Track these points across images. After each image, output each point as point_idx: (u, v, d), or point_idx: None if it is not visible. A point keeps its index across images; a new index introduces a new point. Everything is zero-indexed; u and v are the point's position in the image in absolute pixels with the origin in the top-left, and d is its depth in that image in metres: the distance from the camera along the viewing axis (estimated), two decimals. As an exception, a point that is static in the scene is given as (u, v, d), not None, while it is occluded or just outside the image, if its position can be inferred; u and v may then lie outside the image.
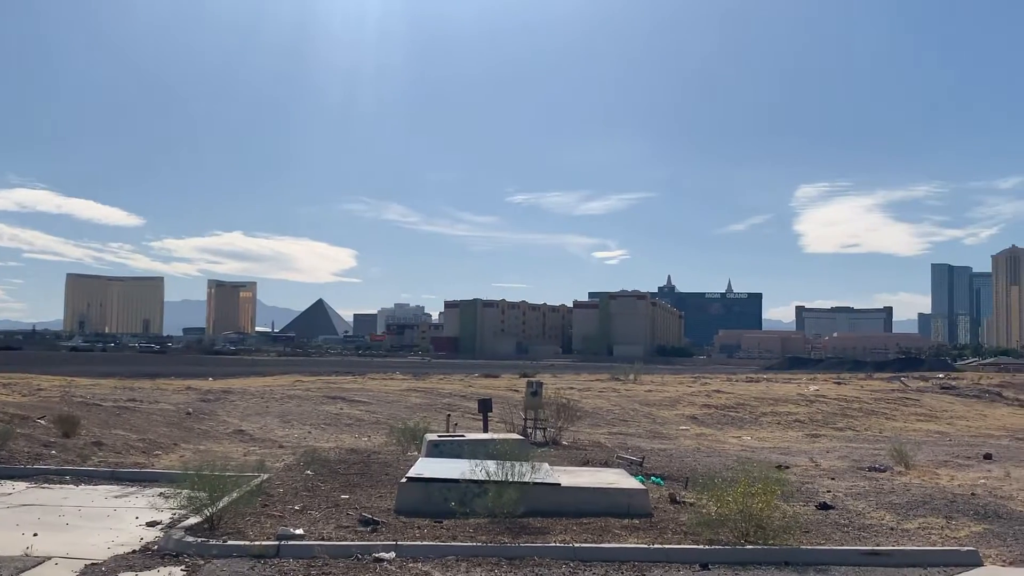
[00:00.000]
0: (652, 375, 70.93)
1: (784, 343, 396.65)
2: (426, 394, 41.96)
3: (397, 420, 28.55)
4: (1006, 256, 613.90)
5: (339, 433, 29.73)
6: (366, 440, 27.60)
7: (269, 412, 33.53)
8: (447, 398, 40.35)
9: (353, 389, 43.07)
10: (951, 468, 23.51)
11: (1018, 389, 66.13)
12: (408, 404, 37.70)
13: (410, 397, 40.31)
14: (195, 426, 28.95)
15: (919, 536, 13.78)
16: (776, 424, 37.97)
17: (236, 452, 23.36)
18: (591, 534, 12.85)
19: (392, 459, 20.92)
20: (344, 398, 38.39)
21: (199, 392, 38.18)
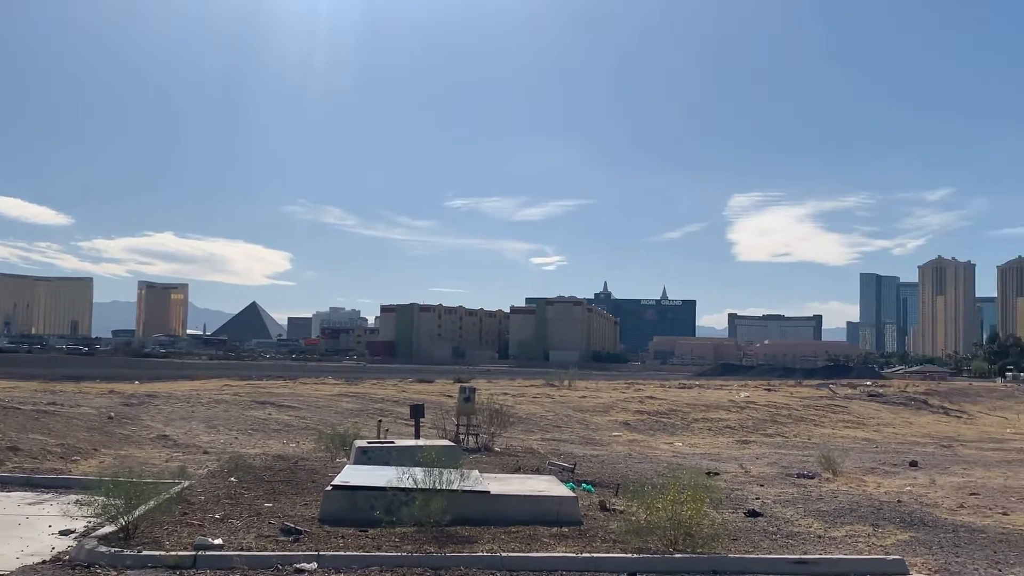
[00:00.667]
0: (587, 381, 71.17)
1: (717, 350, 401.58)
2: (358, 399, 41.46)
3: (327, 426, 28.10)
4: (932, 267, 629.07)
5: (266, 439, 29.17)
6: (294, 446, 27.11)
7: (195, 417, 32.79)
8: (379, 403, 39.93)
9: (283, 394, 42.40)
10: (878, 475, 23.82)
11: (943, 397, 67.68)
12: (339, 409, 37.19)
13: (341, 402, 39.78)
14: (117, 431, 28.15)
15: (846, 544, 13.83)
16: (707, 430, 38.24)
17: (158, 458, 22.75)
18: (519, 543, 12.65)
19: (320, 466, 20.51)
20: (273, 403, 37.73)
21: (123, 396, 37.22)
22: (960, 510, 17.61)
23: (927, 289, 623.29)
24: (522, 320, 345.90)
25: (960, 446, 35.37)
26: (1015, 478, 24.00)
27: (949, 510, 17.55)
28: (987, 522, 16.24)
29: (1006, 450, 33.99)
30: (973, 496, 19.71)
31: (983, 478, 23.88)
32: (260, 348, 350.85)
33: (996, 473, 25.24)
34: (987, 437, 41.46)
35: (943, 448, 34.27)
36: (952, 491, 20.55)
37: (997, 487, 21.76)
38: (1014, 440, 39.81)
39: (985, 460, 29.38)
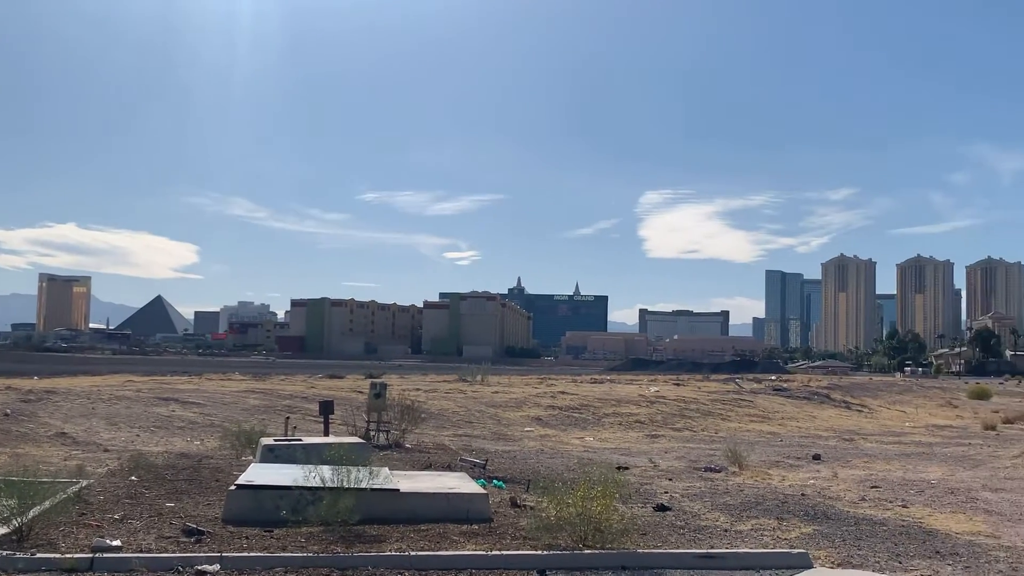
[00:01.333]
0: (500, 376, 71.18)
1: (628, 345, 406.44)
2: (266, 395, 40.72)
3: (233, 423, 27.45)
4: (835, 264, 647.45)
5: (170, 436, 28.43)
6: (198, 444, 26.47)
7: (95, 414, 31.77)
8: (288, 400, 39.26)
9: (188, 390, 41.39)
10: (782, 468, 24.28)
11: (845, 392, 69.49)
12: (246, 406, 36.47)
13: (248, 399, 39.01)
14: (13, 428, 27.11)
15: (752, 538, 14.03)
16: (618, 425, 38.56)
17: (56, 456, 21.97)
18: (428, 541, 12.52)
19: (225, 464, 20.04)
20: (177, 399, 36.80)
21: (20, 392, 35.84)
22: (861, 503, 18.04)
23: (830, 286, 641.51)
24: (435, 315, 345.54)
25: (861, 440, 36.32)
26: (914, 471, 24.72)
27: (851, 503, 17.95)
28: (887, 514, 16.65)
29: (905, 443, 35.02)
30: (874, 489, 20.22)
31: (883, 471, 24.53)
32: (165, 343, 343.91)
33: (896, 466, 25.96)
34: (887, 431, 42.69)
35: (845, 442, 35.14)
36: (854, 484, 21.05)
37: (897, 480, 22.36)
38: (912, 433, 41.08)
39: (885, 453, 30.21)
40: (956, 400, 74.10)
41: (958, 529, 15.31)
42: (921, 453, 30.64)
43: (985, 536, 14.78)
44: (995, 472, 24.90)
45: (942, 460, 28.14)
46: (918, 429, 44.43)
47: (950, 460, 28.19)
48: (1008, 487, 21.42)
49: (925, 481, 22.19)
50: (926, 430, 43.75)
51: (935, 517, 16.51)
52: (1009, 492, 20.40)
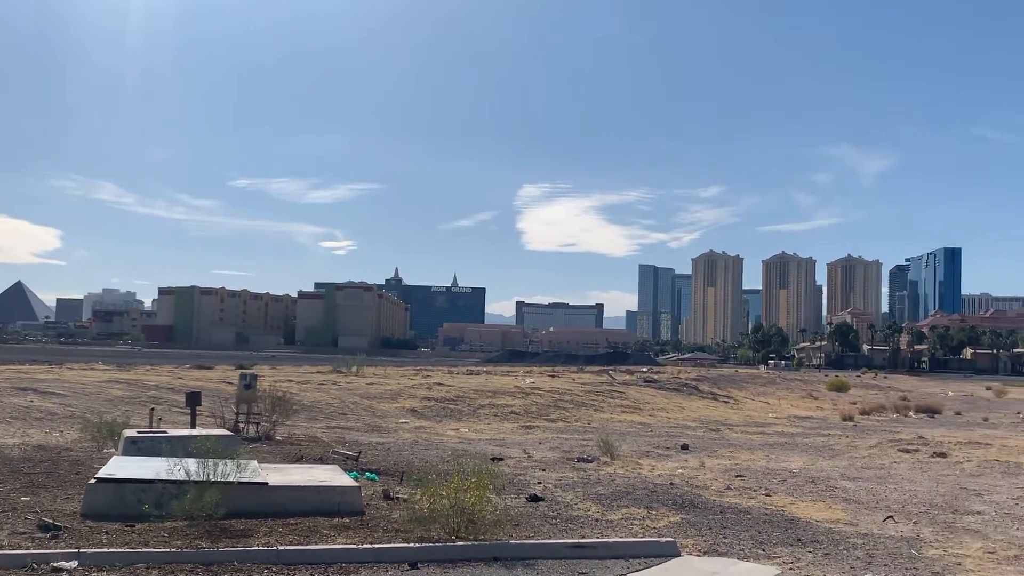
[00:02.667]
0: (375, 367, 70.65)
1: (504, 337, 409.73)
2: (130, 386, 39.34)
3: (94, 414, 26.46)
4: (704, 259, 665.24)
5: (27, 428, 27.12)
6: (57, 436, 25.32)
7: (-54, 405, 30.11)
8: (153, 391, 38.04)
9: (47, 380, 39.66)
10: (652, 458, 24.75)
11: (712, 383, 71.50)
12: (109, 397, 35.16)
13: (112, 389, 37.61)
14: None
15: (622, 527, 14.22)
16: (493, 416, 38.70)
17: (-101, 451, 20.69)
18: (298, 535, 12.26)
19: (85, 457, 19.26)
20: (36, 389, 35.21)
21: None
22: (727, 492, 18.52)
23: (699, 281, 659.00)
24: (310, 305, 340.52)
25: (727, 430, 37.39)
26: (777, 461, 25.56)
27: (717, 492, 18.42)
28: (752, 503, 17.14)
29: (768, 434, 36.20)
30: (739, 478, 20.79)
31: (748, 460, 25.29)
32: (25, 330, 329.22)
33: (760, 456, 26.79)
34: (751, 421, 44.07)
35: (712, 432, 36.10)
36: (720, 473, 21.61)
37: (760, 469, 23.07)
38: (776, 424, 42.51)
39: (750, 443, 31.16)
40: (817, 392, 77.15)
41: (818, 517, 15.86)
42: (784, 443, 31.72)
43: (844, 524, 15.35)
44: (853, 462, 25.96)
45: (803, 450, 29.19)
46: (781, 420, 46.01)
47: (811, 450, 29.27)
48: (865, 476, 22.34)
49: (787, 470, 22.96)
50: (788, 421, 45.35)
51: (797, 505, 17.08)
52: (866, 481, 21.27)
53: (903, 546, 13.59)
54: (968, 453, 28.98)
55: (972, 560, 12.77)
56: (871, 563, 12.39)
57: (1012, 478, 22.74)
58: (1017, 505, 18.07)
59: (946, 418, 51.77)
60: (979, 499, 18.74)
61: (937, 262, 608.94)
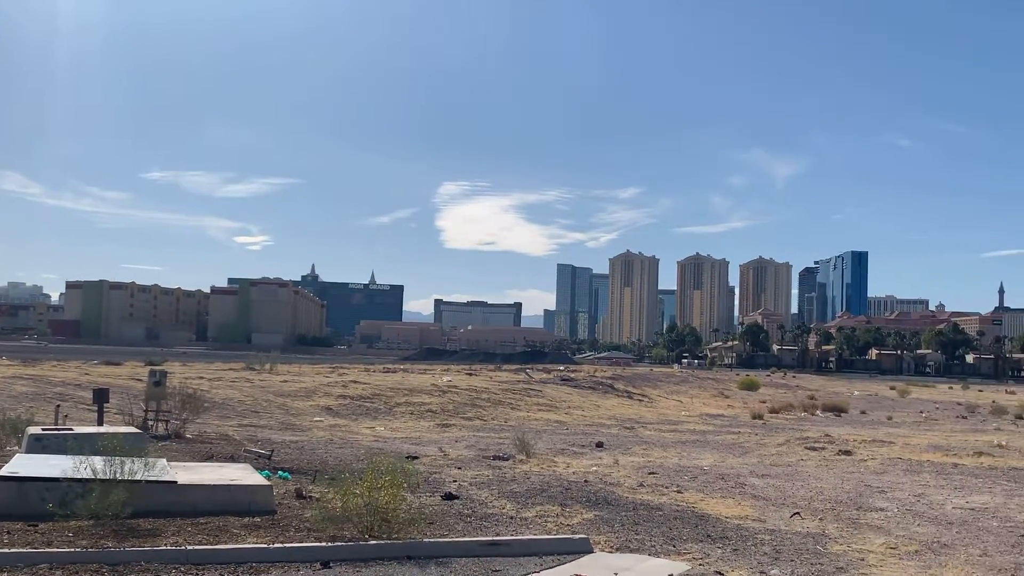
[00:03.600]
0: (290, 365, 69.80)
1: (422, 334, 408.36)
2: (35, 382, 38.17)
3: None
4: (621, 260, 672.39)
5: (-77, 426, 26.14)
6: (-44, 434, 24.45)
7: None
8: (59, 387, 36.97)
9: (-54, 376, 38.26)
10: (568, 456, 24.94)
11: (627, 382, 72.34)
12: (12, 393, 34.03)
13: (15, 385, 36.43)
14: None
15: (536, 524, 14.31)
16: (410, 414, 38.55)
17: None
18: (207, 535, 12.05)
19: (-15, 456, 18.61)
20: (-66, 386, 33.96)
21: None
22: (640, 489, 18.76)
23: (616, 281, 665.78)
24: (223, 301, 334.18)
25: (641, 428, 37.87)
26: (688, 458, 25.98)
27: (630, 489, 18.64)
28: (663, 500, 17.40)
29: (681, 432, 36.78)
30: (652, 475, 21.09)
31: (661, 458, 25.66)
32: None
33: (672, 453, 27.21)
34: (665, 419, 44.71)
35: (626, 430, 36.53)
36: (633, 471, 21.89)
37: (673, 466, 23.43)
38: (688, 422, 43.21)
39: (663, 441, 31.62)
40: (728, 391, 78.64)
41: (728, 513, 16.17)
42: (695, 441, 32.26)
43: (752, 520, 15.68)
44: (762, 459, 26.54)
45: (714, 448, 29.73)
46: (693, 418, 46.78)
47: (722, 448, 29.83)
48: (773, 473, 22.86)
49: (698, 468, 23.37)
50: (700, 419, 46.14)
51: (707, 502, 17.39)
52: (774, 478, 21.76)
53: (809, 542, 13.94)
54: (872, 451, 29.86)
55: (875, 555, 13.15)
56: (778, 558, 12.68)
57: (914, 476, 23.49)
58: (918, 502, 18.67)
59: (852, 417, 53.28)
60: (882, 496, 19.32)
61: (845, 265, 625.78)
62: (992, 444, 34.71)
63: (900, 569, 12.37)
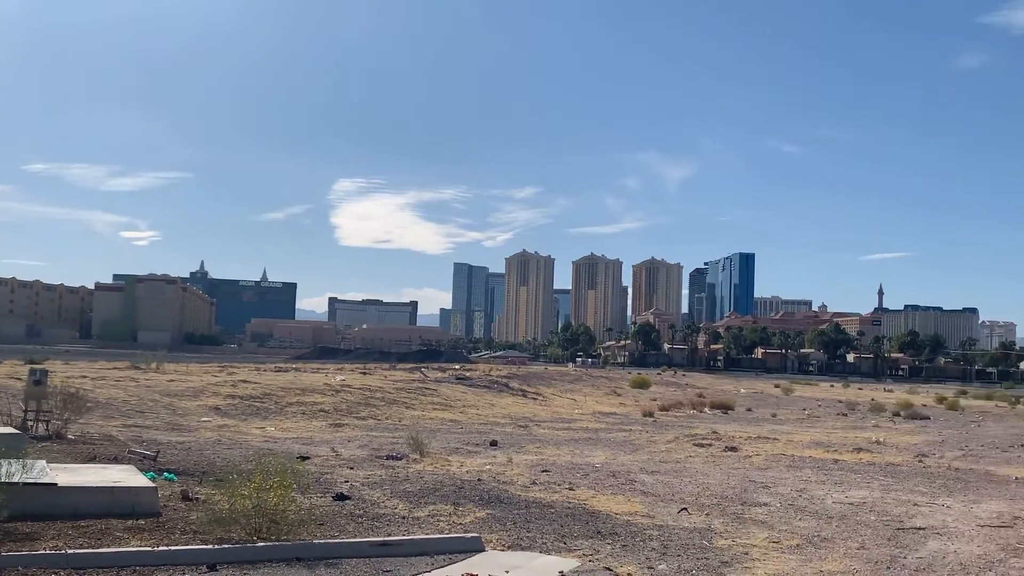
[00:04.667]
0: (177, 364, 68.08)
1: (316, 333, 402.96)
2: (-96, 382, 36.40)
3: None
4: (518, 259, 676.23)
5: None
6: None
7: None
8: (-69, 387, 35.30)
9: None
10: (462, 455, 24.98)
11: (522, 380, 72.78)
12: None
13: None
14: None
15: (429, 524, 14.30)
16: (302, 414, 38.00)
17: None
18: (89, 538, 11.69)
19: None
20: None
21: None
22: (533, 487, 18.92)
23: (512, 280, 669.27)
24: (108, 298, 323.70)
25: (535, 426, 38.17)
26: (581, 455, 26.31)
27: (523, 487, 18.79)
28: (556, 497, 17.59)
29: (574, 430, 37.20)
30: (545, 473, 21.30)
31: (554, 456, 25.91)
32: None
33: (565, 451, 27.50)
34: (559, 418, 45.15)
35: (521, 428, 36.77)
36: (527, 469, 22.06)
37: (565, 464, 23.70)
38: (581, 420, 43.72)
39: (556, 439, 31.92)
40: (620, 389, 79.83)
41: (618, 510, 16.45)
42: (588, 439, 32.68)
43: (641, 516, 15.99)
44: (652, 456, 27.07)
45: (606, 445, 30.18)
46: (586, 416, 47.36)
47: (613, 445, 30.30)
48: (663, 470, 23.34)
49: (590, 465, 23.70)
50: (593, 417, 46.74)
51: (598, 499, 17.65)
52: (663, 475, 22.22)
53: (695, 537, 14.29)
54: (757, 448, 30.75)
55: (758, 549, 13.56)
56: (665, 553, 12.95)
57: (796, 471, 24.28)
58: (800, 497, 19.32)
59: (738, 414, 54.71)
60: (766, 491, 19.92)
61: (733, 266, 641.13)
62: (870, 441, 36.13)
63: (782, 562, 12.78)
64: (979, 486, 22.63)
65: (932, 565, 12.92)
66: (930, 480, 23.50)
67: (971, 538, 15.16)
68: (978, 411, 71.77)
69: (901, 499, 19.61)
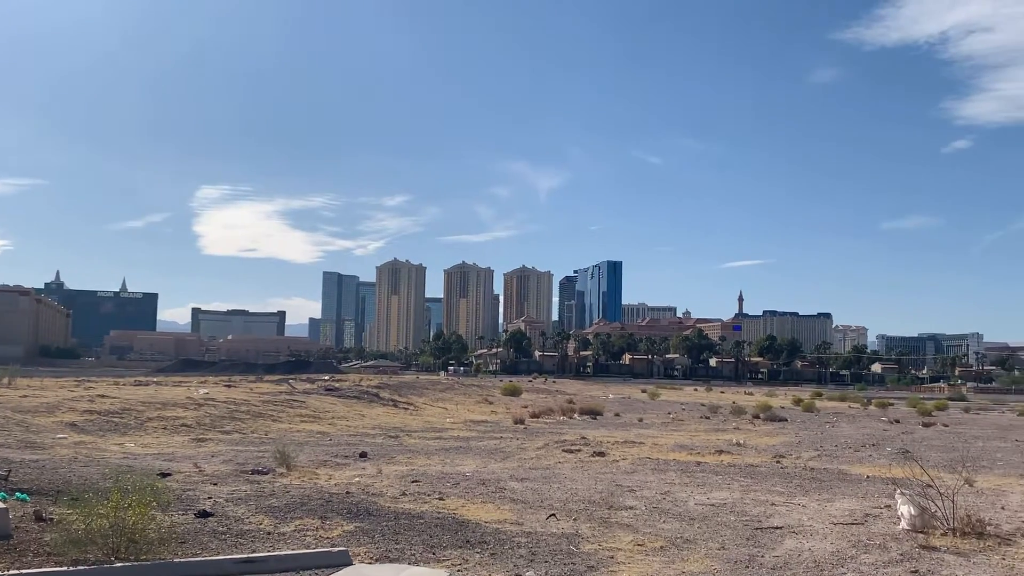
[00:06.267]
0: (30, 379, 65.14)
1: (178, 345, 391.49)
2: None
3: None
4: (388, 268, 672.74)
5: None
6: None
7: None
8: None
9: None
10: (330, 467, 24.67)
11: (393, 390, 72.35)
12: None
13: None
14: None
15: (295, 539, 14.07)
16: (163, 429, 36.83)
17: None
18: (-70, 566, 11.08)
19: None
20: None
21: None
22: (402, 498, 18.84)
23: (383, 288, 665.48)
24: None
25: (406, 436, 37.97)
26: (451, 465, 26.32)
27: (392, 498, 18.68)
28: (425, 508, 17.56)
29: (445, 439, 37.18)
30: (415, 484, 21.23)
31: (424, 466, 25.85)
32: None
33: (436, 461, 27.47)
34: (430, 427, 45.04)
35: (391, 439, 36.52)
36: (397, 480, 21.95)
37: (436, 474, 23.68)
38: (453, 429, 43.73)
39: (427, 449, 31.85)
40: (492, 397, 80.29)
41: (487, 518, 16.54)
42: (459, 447, 32.72)
43: (510, 523, 16.11)
44: (522, 463, 27.30)
45: (477, 453, 30.29)
46: (458, 425, 47.40)
47: (484, 453, 30.43)
48: (532, 476, 23.57)
49: (461, 474, 23.75)
50: (465, 426, 46.82)
51: (468, 508, 17.71)
52: (532, 481, 22.44)
53: (563, 542, 14.49)
54: (624, 452, 31.40)
55: (623, 553, 13.85)
56: (533, 560, 13.09)
57: (661, 474, 24.90)
58: (664, 499, 19.82)
59: (606, 419, 55.73)
60: (632, 495, 20.36)
61: (601, 274, 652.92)
62: (732, 443, 37.35)
63: (646, 564, 13.08)
64: (833, 485, 23.66)
65: (788, 563, 13.43)
66: (787, 480, 24.44)
67: (825, 536, 15.83)
68: (832, 412, 75.19)
69: (760, 499, 20.33)
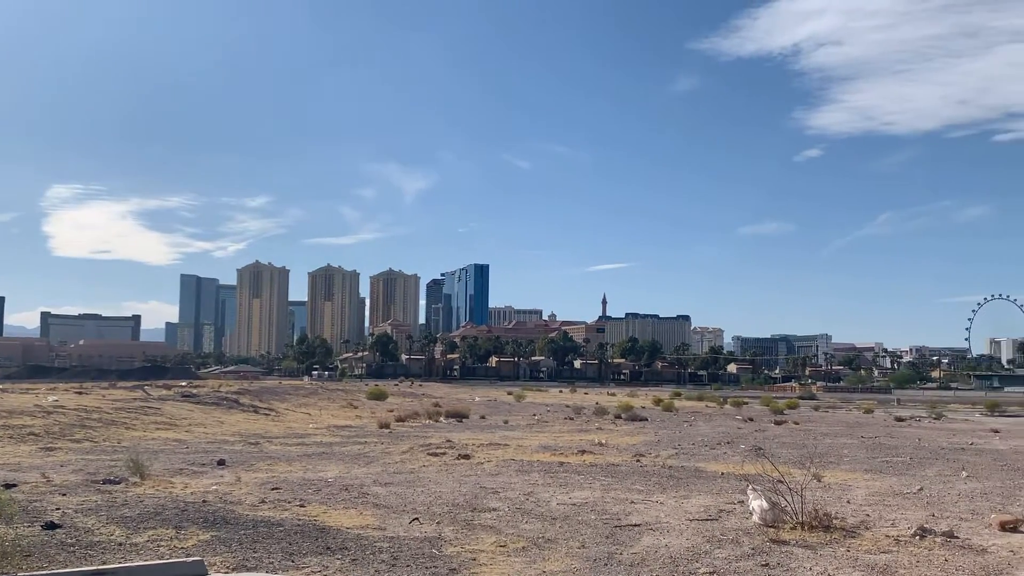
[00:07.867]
0: None
1: (26, 350, 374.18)
2: None
3: None
4: (250, 271, 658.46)
5: None
6: None
7: None
8: None
9: None
10: (186, 476, 23.97)
11: (254, 396, 70.86)
12: None
13: None
14: None
15: (148, 549, 13.63)
16: (8, 438, 35.07)
17: None
18: None
19: None
20: None
21: None
22: (261, 505, 18.46)
23: (245, 292, 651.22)
24: None
25: (267, 443, 37.22)
26: (313, 471, 25.95)
27: (251, 506, 18.29)
28: (285, 515, 17.25)
29: (308, 444, 36.61)
30: (275, 491, 20.83)
31: (285, 472, 25.40)
32: None
33: (297, 467, 27.03)
34: (292, 433, 44.25)
35: (251, 445, 35.73)
36: (256, 487, 21.49)
37: (297, 480, 23.30)
38: (316, 435, 43.09)
39: (289, 455, 31.30)
40: (357, 401, 79.54)
41: (349, 524, 16.37)
42: (322, 453, 32.27)
43: (373, 528, 15.99)
44: (386, 467, 27.13)
45: (340, 459, 29.93)
46: (321, 430, 46.73)
47: (347, 458, 30.10)
48: (396, 480, 23.47)
49: (323, 480, 23.44)
50: (328, 431, 46.20)
51: (329, 514, 17.49)
52: (396, 486, 22.33)
53: (426, 546, 14.48)
54: (489, 454, 31.59)
55: (486, 554, 13.93)
56: (395, 564, 13.04)
57: (525, 475, 25.16)
58: (527, 500, 20.03)
59: (473, 422, 55.92)
60: (495, 497, 20.51)
61: (468, 277, 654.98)
62: (594, 443, 38.03)
63: (508, 565, 13.19)
64: (689, 482, 24.37)
65: (645, 560, 13.76)
66: (646, 478, 25.04)
67: (681, 532, 16.29)
68: (690, 412, 77.46)
69: (620, 498, 20.78)
